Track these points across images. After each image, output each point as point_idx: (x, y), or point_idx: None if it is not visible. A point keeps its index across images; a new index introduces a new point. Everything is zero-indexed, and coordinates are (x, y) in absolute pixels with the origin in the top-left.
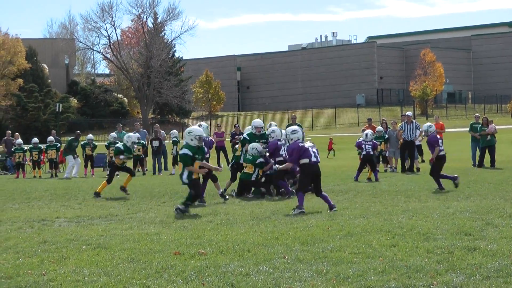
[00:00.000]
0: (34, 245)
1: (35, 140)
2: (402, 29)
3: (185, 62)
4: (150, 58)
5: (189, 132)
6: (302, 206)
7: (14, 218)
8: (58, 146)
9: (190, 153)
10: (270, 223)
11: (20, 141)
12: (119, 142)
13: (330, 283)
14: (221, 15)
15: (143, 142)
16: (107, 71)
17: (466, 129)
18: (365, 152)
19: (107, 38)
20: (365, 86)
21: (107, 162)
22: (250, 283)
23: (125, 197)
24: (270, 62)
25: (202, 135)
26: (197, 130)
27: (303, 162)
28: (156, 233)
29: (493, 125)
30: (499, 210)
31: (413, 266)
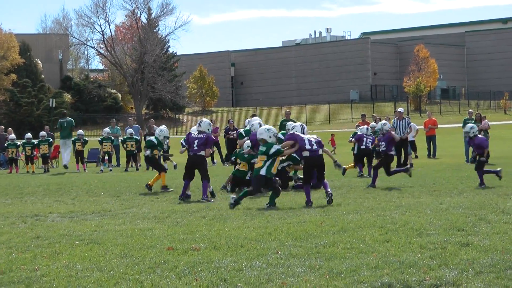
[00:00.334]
0: (27, 240)
1: (28, 135)
2: (396, 25)
3: (179, 58)
4: (144, 54)
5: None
6: (309, 201)
7: (7, 213)
8: (50, 141)
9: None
10: (263, 219)
11: (13, 136)
12: (113, 138)
13: (323, 279)
14: (215, 11)
15: (136, 138)
16: (101, 67)
17: (460, 125)
18: (364, 146)
19: (101, 33)
20: (359, 82)
21: (101, 157)
22: (243, 279)
23: (118, 192)
24: (264, 58)
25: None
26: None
27: (305, 155)
28: (149, 228)
29: (486, 121)
30: (492, 206)
31: (406, 261)
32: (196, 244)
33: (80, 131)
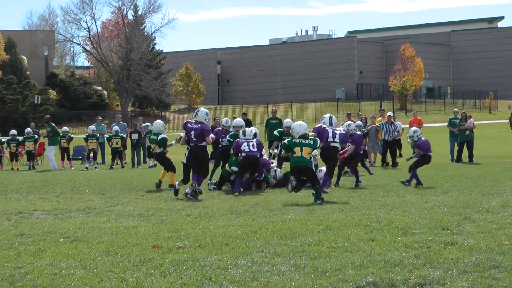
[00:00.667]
0: (11, 237)
1: (13, 132)
2: (382, 24)
3: (165, 55)
4: (130, 51)
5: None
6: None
7: None
8: (36, 138)
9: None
10: (248, 217)
11: None
12: (98, 135)
13: (308, 277)
14: (201, 8)
15: (122, 135)
16: (87, 64)
17: (445, 124)
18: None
19: (87, 30)
20: (345, 81)
21: (86, 154)
22: (228, 277)
23: (103, 190)
24: (250, 56)
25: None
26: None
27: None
28: (134, 226)
29: (471, 120)
30: (477, 205)
31: (391, 260)
32: (181, 242)
33: (65, 128)
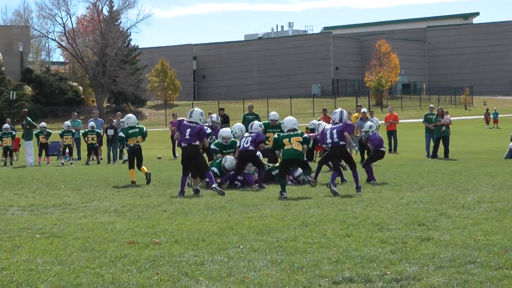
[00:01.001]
0: None
1: None
2: (358, 20)
3: (140, 51)
4: (105, 46)
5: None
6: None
7: None
8: (13, 134)
9: None
10: (225, 213)
11: None
12: (74, 131)
13: (285, 273)
14: (177, 4)
15: (98, 131)
16: (62, 59)
17: (421, 120)
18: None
19: (62, 25)
20: (320, 77)
21: (61, 150)
22: (204, 273)
23: (79, 186)
24: (226, 52)
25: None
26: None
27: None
28: (110, 222)
29: (448, 116)
30: (452, 201)
31: (367, 256)
32: (157, 238)
33: (42, 124)
